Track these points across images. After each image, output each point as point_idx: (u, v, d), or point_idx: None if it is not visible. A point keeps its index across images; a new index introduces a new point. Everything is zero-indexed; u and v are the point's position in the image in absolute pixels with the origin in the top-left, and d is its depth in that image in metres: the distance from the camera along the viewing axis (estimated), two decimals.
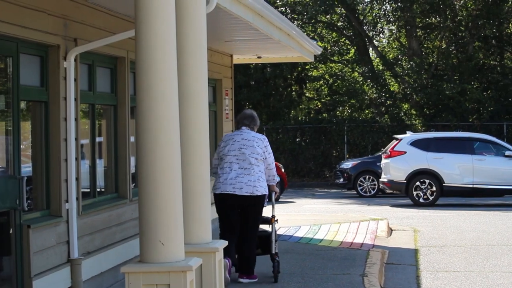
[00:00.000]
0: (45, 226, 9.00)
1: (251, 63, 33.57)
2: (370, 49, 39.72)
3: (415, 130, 33.19)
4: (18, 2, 8.42)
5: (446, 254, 13.91)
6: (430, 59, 37.82)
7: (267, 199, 10.84)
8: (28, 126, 9.31)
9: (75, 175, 9.62)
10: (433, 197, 23.65)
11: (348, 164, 28.67)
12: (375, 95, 37.40)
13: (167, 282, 6.82)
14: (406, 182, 23.76)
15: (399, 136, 25.12)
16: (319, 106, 40.44)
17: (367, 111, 38.64)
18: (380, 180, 25.38)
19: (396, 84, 37.90)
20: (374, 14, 39.28)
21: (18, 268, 8.43)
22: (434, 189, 23.61)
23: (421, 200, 23.66)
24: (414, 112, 36.41)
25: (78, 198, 9.72)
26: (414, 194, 23.74)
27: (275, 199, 11.22)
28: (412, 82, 35.88)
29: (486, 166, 23.66)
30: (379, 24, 39.78)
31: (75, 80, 9.68)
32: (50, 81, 9.38)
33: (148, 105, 6.93)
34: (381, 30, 40.56)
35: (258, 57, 19.19)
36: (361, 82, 38.71)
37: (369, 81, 37.42)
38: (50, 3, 9.13)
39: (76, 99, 9.71)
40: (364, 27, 38.73)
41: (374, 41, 40.19)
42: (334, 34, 40.82)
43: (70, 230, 9.50)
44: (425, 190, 23.66)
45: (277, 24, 13.74)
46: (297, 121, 36.87)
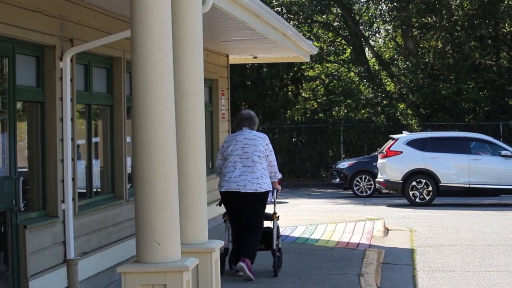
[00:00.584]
0: (41, 226, 9.00)
1: (247, 63, 33.54)
2: (366, 49, 39.70)
3: (411, 130, 33.17)
4: (14, 2, 8.41)
5: (442, 254, 13.93)
6: (426, 59, 37.81)
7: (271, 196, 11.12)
8: (24, 126, 9.31)
9: (72, 176, 9.62)
10: (429, 197, 23.65)
11: (344, 164, 28.65)
12: (371, 95, 37.37)
13: (164, 282, 6.82)
14: (402, 182, 23.74)
15: (395, 136, 25.10)
16: (315, 106, 40.39)
17: (363, 111, 38.62)
18: (376, 180, 25.36)
19: (392, 84, 37.88)
20: (370, 14, 39.26)
21: (14, 268, 8.42)
22: (430, 189, 23.61)
23: (417, 200, 23.66)
24: (410, 112, 36.40)
25: (74, 199, 9.72)
26: (411, 194, 23.73)
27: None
28: (408, 82, 35.86)
29: (482, 166, 23.65)
30: (375, 24, 39.75)
31: (71, 80, 9.67)
32: (46, 81, 9.38)
33: (144, 105, 6.92)
34: (377, 30, 40.52)
35: (254, 57, 19.21)
36: (357, 82, 38.67)
37: (365, 81, 37.39)
38: (46, 4, 9.12)
39: (72, 100, 9.71)
40: (360, 27, 38.71)
41: (370, 41, 40.18)
42: (330, 34, 40.81)
43: (67, 230, 9.50)
44: (421, 190, 23.66)
45: (273, 24, 13.75)
46: (293, 121, 36.84)
